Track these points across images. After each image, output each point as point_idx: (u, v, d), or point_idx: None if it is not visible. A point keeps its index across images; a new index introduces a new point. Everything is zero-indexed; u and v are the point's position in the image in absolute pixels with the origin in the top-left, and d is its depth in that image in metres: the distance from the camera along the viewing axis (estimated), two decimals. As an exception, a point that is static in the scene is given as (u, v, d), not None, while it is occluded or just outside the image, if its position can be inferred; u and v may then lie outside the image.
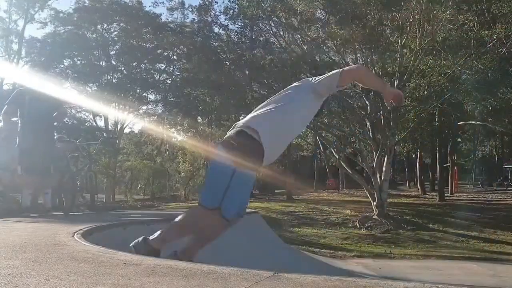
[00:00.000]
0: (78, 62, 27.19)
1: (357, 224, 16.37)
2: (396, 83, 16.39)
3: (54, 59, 25.58)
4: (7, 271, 1.91)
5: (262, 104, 2.91)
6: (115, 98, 24.66)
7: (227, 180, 2.67)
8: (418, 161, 29.42)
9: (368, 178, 18.97)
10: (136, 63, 27.60)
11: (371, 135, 17.65)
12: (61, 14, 26.03)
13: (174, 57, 27.88)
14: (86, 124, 26.82)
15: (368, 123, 17.71)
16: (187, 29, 25.62)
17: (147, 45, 27.47)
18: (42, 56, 25.19)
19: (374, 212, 16.89)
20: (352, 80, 3.17)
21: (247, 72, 19.49)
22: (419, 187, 28.41)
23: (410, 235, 15.18)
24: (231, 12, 18.69)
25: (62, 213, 5.69)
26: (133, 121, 30.41)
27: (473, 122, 18.81)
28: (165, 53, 27.77)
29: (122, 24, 26.66)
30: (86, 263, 2.11)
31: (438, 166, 26.10)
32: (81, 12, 25.69)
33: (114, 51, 27.85)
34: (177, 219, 2.97)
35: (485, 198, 23.75)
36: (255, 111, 2.85)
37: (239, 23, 19.80)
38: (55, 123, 5.98)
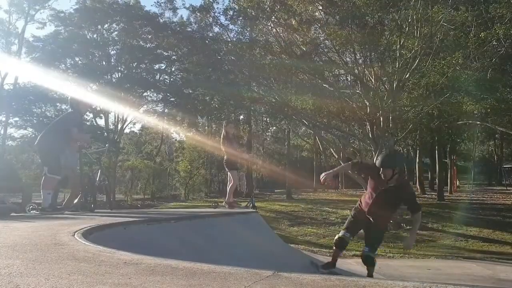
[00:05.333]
0: (80, 62, 27.22)
1: (357, 224, 16.37)
2: (395, 83, 16.40)
3: (55, 59, 25.59)
4: (8, 271, 1.91)
5: None
6: (116, 98, 24.66)
7: None
8: (417, 161, 29.42)
9: (367, 178, 18.97)
10: (136, 63, 27.62)
11: (370, 135, 17.66)
12: (62, 14, 26.03)
13: (174, 57, 27.88)
14: (87, 123, 26.79)
15: (367, 123, 17.71)
16: (187, 29, 25.62)
17: (147, 45, 27.48)
18: (44, 56, 25.20)
19: (374, 211, 16.88)
20: None
21: (246, 72, 19.48)
22: (418, 186, 28.41)
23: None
24: (231, 12, 18.66)
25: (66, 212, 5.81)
26: (133, 120, 30.44)
27: (472, 122, 18.81)
28: (165, 53, 27.77)
29: (122, 24, 26.66)
30: (86, 262, 2.12)
31: (437, 166, 26.10)
32: (81, 12, 25.68)
33: (114, 51, 27.87)
34: None
35: (484, 198, 23.77)
36: None
37: (239, 23, 19.79)
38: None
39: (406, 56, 15.93)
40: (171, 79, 29.38)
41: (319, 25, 17.85)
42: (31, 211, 6.12)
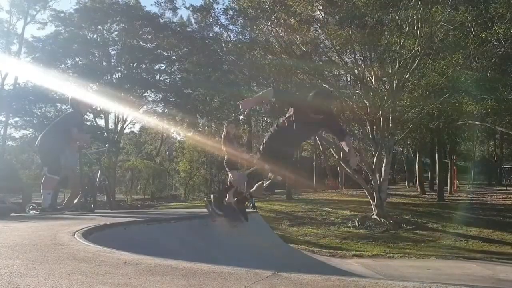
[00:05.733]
0: (80, 62, 27.24)
1: (357, 224, 16.38)
2: (395, 83, 16.40)
3: (56, 59, 25.60)
4: (8, 271, 1.91)
5: None
6: (116, 98, 24.68)
7: None
8: (417, 161, 29.45)
9: (367, 178, 18.99)
10: (136, 63, 27.63)
11: (370, 135, 17.67)
12: (62, 14, 26.05)
13: (174, 57, 27.90)
14: (87, 123, 26.83)
15: (367, 123, 17.72)
16: (187, 29, 25.65)
17: (147, 45, 27.50)
18: (44, 56, 25.21)
19: (374, 211, 16.90)
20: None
21: (246, 72, 19.50)
22: (418, 187, 28.42)
23: (409, 234, 15.19)
24: (231, 12, 18.67)
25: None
26: (133, 121, 30.45)
27: (472, 122, 18.81)
28: (165, 54, 27.79)
29: (122, 24, 26.68)
30: (86, 262, 2.12)
31: (437, 166, 26.12)
32: (82, 12, 25.70)
33: (114, 51, 27.89)
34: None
35: (484, 198, 23.77)
36: None
37: (239, 23, 19.82)
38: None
39: (406, 56, 15.94)
40: (171, 79, 29.40)
41: (319, 25, 17.86)
42: (31, 211, 6.12)
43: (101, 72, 26.58)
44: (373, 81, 17.18)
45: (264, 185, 4.73)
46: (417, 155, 29.76)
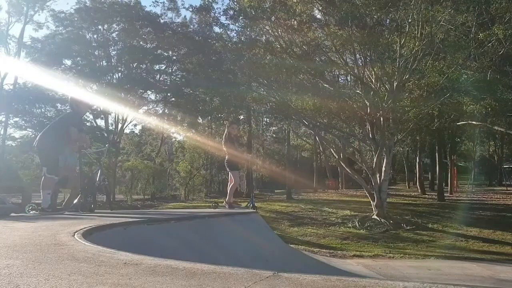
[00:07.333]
0: (80, 62, 27.26)
1: (357, 224, 16.38)
2: (395, 83, 16.39)
3: (56, 59, 25.61)
4: (8, 271, 1.91)
5: None
6: (116, 98, 24.69)
7: None
8: (417, 161, 29.46)
9: (367, 178, 18.98)
10: (136, 63, 27.65)
11: (370, 135, 17.66)
12: (62, 15, 26.06)
13: (175, 57, 27.92)
14: (87, 124, 26.82)
15: (368, 123, 17.71)
16: (188, 29, 25.66)
17: (148, 45, 27.52)
18: (44, 56, 25.21)
19: (374, 212, 16.90)
20: None
21: (247, 71, 19.48)
22: (418, 187, 28.42)
23: (409, 235, 15.19)
24: (231, 12, 18.65)
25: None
26: (134, 122, 30.48)
27: (473, 122, 18.81)
28: (166, 54, 27.81)
29: (122, 25, 26.70)
30: (86, 262, 2.11)
31: (437, 166, 26.12)
32: (82, 13, 25.72)
33: (114, 52, 27.91)
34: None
35: (485, 198, 23.76)
36: None
37: (240, 23, 19.80)
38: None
39: (407, 56, 15.93)
40: (171, 79, 29.43)
41: (318, 24, 17.83)
42: (31, 212, 6.11)
43: (101, 72, 26.60)
44: (373, 81, 17.17)
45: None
46: (418, 155, 29.77)
